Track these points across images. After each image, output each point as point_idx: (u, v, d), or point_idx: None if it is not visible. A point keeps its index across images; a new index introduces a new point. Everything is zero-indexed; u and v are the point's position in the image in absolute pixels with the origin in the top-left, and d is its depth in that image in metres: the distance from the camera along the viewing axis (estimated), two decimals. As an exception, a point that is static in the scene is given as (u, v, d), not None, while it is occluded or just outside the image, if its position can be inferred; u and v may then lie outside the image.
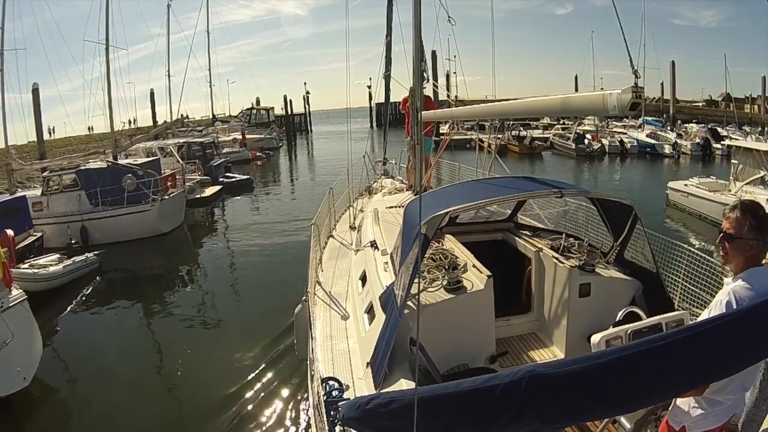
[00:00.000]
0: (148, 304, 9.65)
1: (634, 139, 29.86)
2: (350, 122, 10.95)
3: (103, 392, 6.39)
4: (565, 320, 3.78)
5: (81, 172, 13.88)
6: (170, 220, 14.23)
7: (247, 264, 11.97)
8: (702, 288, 3.87)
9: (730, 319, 1.53)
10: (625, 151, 29.06)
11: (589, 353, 1.54)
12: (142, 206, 13.35)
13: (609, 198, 4.10)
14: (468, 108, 5.49)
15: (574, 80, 57.36)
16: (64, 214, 13.17)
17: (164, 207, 13.56)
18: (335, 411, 2.26)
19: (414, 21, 6.13)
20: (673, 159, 27.12)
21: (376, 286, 3.89)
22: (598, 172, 25.85)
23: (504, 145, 29.33)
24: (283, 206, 18.94)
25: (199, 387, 6.44)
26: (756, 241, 1.88)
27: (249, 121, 47.25)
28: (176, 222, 14.67)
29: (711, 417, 1.92)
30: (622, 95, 2.34)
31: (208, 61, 45.70)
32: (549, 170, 25.46)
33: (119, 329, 8.58)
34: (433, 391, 1.56)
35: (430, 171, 7.08)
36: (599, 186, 20.86)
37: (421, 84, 6.35)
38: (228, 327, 8.30)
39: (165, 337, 8.22)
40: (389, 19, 8.40)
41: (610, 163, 27.84)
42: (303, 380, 6.05)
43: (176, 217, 14.66)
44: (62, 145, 34.92)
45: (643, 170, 25.62)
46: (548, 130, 36.41)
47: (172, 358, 7.28)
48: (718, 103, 50.93)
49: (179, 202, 14.73)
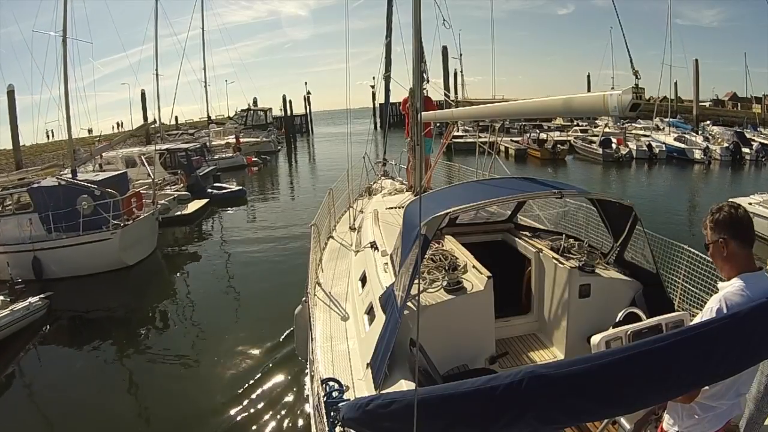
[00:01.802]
0: (110, 353, 7.80)
1: (662, 143, 27.10)
2: (353, 123, 10.91)
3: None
4: (565, 321, 3.78)
5: (34, 191, 11.13)
6: (137, 250, 11.53)
7: (236, 297, 9.91)
8: (702, 288, 3.87)
9: (729, 321, 1.54)
10: (654, 157, 26.20)
11: (589, 354, 1.55)
12: (101, 233, 10.65)
13: (609, 199, 4.11)
14: (468, 108, 5.50)
15: (587, 79, 55.74)
16: (15, 242, 10.69)
17: (127, 235, 10.86)
18: (335, 412, 2.26)
19: (414, 22, 6.13)
20: (703, 165, 24.55)
21: (376, 286, 3.89)
22: (631, 181, 22.86)
23: (524, 149, 28.16)
24: (280, 219, 16.27)
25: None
26: (723, 239, 1.89)
27: (245, 123, 44.36)
28: (146, 250, 11.94)
29: (704, 422, 1.91)
30: (623, 96, 2.34)
31: (203, 60, 43.04)
32: (577, 179, 21.33)
33: (67, 398, 6.47)
34: (433, 392, 1.56)
35: (430, 172, 7.08)
36: (645, 200, 16.71)
37: (421, 85, 6.35)
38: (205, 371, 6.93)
39: (138, 380, 6.91)
40: (389, 20, 8.42)
41: (639, 170, 24.91)
42: (303, 381, 6.06)
43: (146, 244, 11.97)
44: (53, 149, 31.89)
45: (677, 179, 22.79)
46: (564, 131, 34.24)
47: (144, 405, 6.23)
48: (724, 102, 50.74)
49: (148, 227, 11.88)
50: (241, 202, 19.31)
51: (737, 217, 1.89)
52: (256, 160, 29.85)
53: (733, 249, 1.88)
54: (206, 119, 45.27)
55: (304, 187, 24.07)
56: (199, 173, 20.20)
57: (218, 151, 29.86)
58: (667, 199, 17.41)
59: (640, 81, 2.29)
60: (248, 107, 47.89)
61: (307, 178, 27.94)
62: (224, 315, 8.92)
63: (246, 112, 46.88)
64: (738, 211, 1.91)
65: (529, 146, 28.47)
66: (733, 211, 1.90)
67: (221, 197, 19.12)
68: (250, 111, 46.99)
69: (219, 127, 40.00)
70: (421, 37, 6.28)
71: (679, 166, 24.97)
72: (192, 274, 11.77)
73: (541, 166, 25.17)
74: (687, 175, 23.39)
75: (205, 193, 18.73)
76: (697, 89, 41.59)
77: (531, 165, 26.03)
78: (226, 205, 18.58)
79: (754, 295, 1.78)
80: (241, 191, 20.18)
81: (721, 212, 1.91)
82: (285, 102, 53.11)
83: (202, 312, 9.19)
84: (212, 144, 31.10)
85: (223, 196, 19.26)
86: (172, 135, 34.56)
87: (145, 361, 7.46)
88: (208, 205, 17.51)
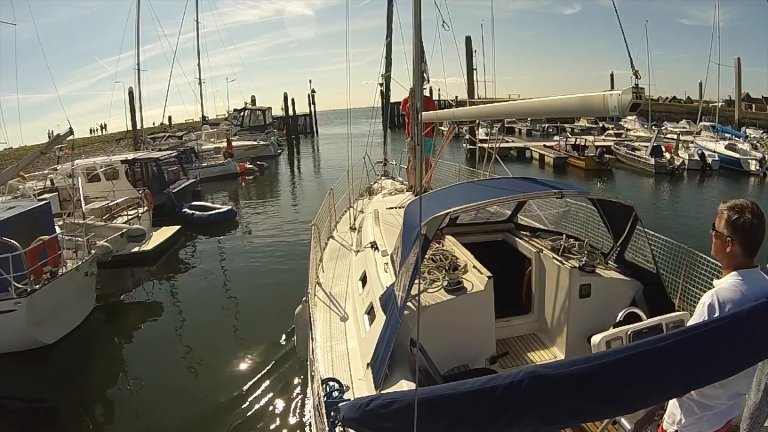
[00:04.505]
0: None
1: (714, 152, 23.55)
2: (360, 123, 10.88)
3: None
4: (565, 321, 3.78)
5: None
6: (60, 321, 7.89)
7: (206, 371, 6.90)
8: (702, 288, 3.86)
9: (729, 321, 1.54)
10: (706, 167, 22.67)
11: (589, 354, 1.55)
12: (3, 303, 7.11)
13: (609, 199, 4.11)
14: (468, 108, 5.50)
15: (610, 78, 53.31)
16: None
17: (40, 303, 7.31)
18: (335, 412, 2.26)
19: (414, 21, 6.14)
20: (758, 177, 21.72)
21: (376, 286, 3.89)
22: (692, 197, 19.05)
23: (563, 158, 24.19)
24: (279, 247, 12.56)
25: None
26: (730, 239, 1.87)
27: (241, 124, 39.11)
28: (75, 319, 8.22)
29: (703, 421, 1.91)
30: (623, 96, 2.34)
31: (197, 54, 38.79)
32: (635, 196, 17.09)
33: None
34: (433, 392, 1.57)
35: (431, 172, 7.08)
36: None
37: (421, 84, 6.36)
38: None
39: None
40: (389, 20, 8.43)
41: (692, 182, 21.35)
42: (303, 381, 6.06)
43: (73, 311, 8.24)
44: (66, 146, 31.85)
45: (739, 195, 16.06)
46: (592, 134, 30.83)
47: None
48: (734, 102, 50.33)
49: (73, 287, 8.10)
50: (229, 227, 14.73)
51: (754, 230, 1.85)
52: (251, 168, 25.83)
53: (737, 251, 1.88)
54: (200, 120, 40.97)
55: (309, 201, 18.29)
56: (172, 189, 15.97)
57: (208, 157, 25.92)
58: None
59: (640, 81, 2.29)
60: (245, 106, 42.56)
61: (312, 188, 22.55)
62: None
63: (242, 112, 41.23)
64: (756, 221, 1.84)
65: (569, 154, 24.52)
66: (755, 221, 1.84)
67: (201, 221, 14.69)
68: (246, 110, 41.29)
69: (213, 128, 36.21)
70: (421, 36, 6.29)
71: (732, 178, 21.45)
72: (149, 338, 8.24)
73: (585, 178, 21.35)
74: (745, 190, 19.77)
75: (179, 215, 14.75)
76: (739, 90, 36.36)
77: (572, 176, 21.89)
78: (208, 231, 14.09)
79: (749, 291, 1.78)
80: (228, 212, 15.37)
81: (742, 217, 1.85)
82: (286, 100, 48.52)
83: (164, 404, 6.24)
84: (202, 148, 27.30)
85: (204, 220, 14.79)
86: (160, 138, 31.10)
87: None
88: (182, 233, 13.28)
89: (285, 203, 19.86)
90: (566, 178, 21.35)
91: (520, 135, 38.25)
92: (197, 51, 38.89)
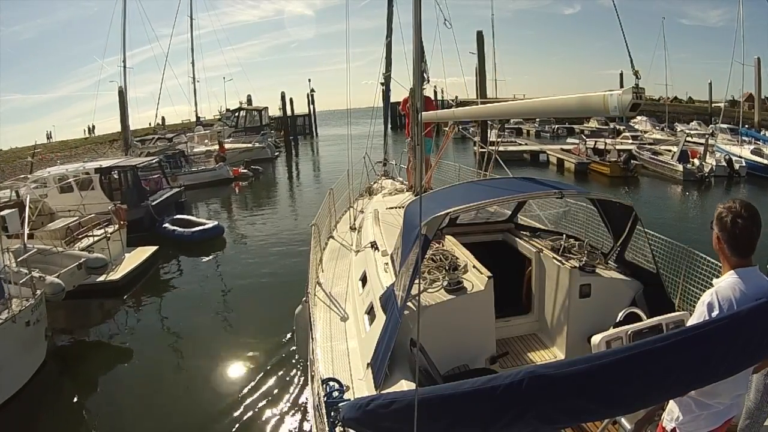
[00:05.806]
0: None
1: (741, 157, 21.73)
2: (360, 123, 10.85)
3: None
4: (565, 321, 3.78)
5: None
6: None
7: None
8: (702, 288, 3.86)
9: (729, 321, 1.54)
10: (734, 173, 21.02)
11: (589, 354, 1.55)
12: None
13: (609, 199, 4.11)
14: (468, 108, 5.50)
15: (619, 77, 52.06)
16: None
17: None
18: (335, 412, 2.26)
19: (414, 21, 6.14)
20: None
21: (376, 286, 3.89)
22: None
23: (585, 164, 22.19)
24: (268, 265, 11.12)
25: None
26: (717, 236, 1.90)
27: (236, 124, 36.86)
28: (19, 378, 6.44)
29: (701, 420, 1.92)
30: (623, 96, 2.34)
31: (191, 52, 36.99)
32: (662, 206, 16.72)
33: None
34: (433, 392, 1.57)
35: (431, 172, 7.09)
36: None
37: (421, 85, 6.36)
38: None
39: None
40: (389, 20, 8.43)
41: (720, 189, 19.69)
42: (304, 381, 6.06)
43: (15, 369, 6.41)
44: (45, 151, 28.81)
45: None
46: (603, 136, 28.36)
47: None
48: (740, 103, 50.26)
49: (12, 341, 6.20)
50: (216, 246, 12.70)
51: (738, 227, 1.84)
52: (246, 172, 23.92)
53: (725, 248, 1.89)
54: (195, 120, 38.98)
55: (308, 209, 16.26)
56: (152, 201, 14.13)
57: (199, 162, 23.60)
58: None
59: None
60: (239, 106, 40.08)
61: (311, 194, 20.53)
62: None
63: (237, 112, 38.66)
64: (742, 220, 1.83)
65: (590, 158, 22.63)
66: (741, 220, 1.83)
67: (183, 238, 12.74)
68: (241, 110, 38.77)
69: (206, 129, 34.05)
70: (421, 36, 6.29)
71: (759, 186, 19.82)
72: (118, 387, 6.75)
73: (611, 186, 19.40)
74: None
75: (159, 230, 13.08)
76: (759, 90, 34.21)
77: (596, 183, 20.13)
78: (191, 251, 12.21)
79: (748, 290, 1.79)
80: (214, 229, 13.13)
81: (729, 214, 1.85)
82: (284, 100, 46.24)
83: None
84: (193, 151, 25.43)
85: (187, 238, 12.76)
86: (149, 140, 29.40)
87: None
88: (160, 254, 11.36)
89: (281, 211, 18.04)
90: (589, 185, 19.85)
91: (528, 136, 37.42)
92: (191, 48, 37.38)
